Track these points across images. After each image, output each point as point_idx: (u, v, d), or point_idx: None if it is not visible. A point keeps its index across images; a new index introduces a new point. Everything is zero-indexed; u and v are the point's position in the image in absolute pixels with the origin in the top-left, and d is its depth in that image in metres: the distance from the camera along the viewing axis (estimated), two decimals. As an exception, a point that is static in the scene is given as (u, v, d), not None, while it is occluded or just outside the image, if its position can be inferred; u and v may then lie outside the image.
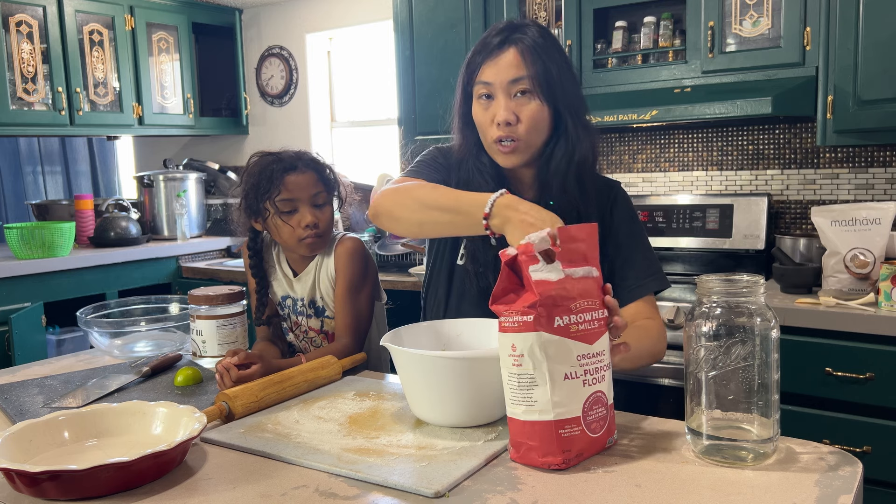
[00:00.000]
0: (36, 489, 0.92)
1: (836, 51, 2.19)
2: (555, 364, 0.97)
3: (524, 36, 1.32)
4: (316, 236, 1.60)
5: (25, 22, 3.15)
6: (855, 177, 2.54)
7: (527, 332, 0.96)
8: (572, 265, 1.00)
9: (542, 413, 0.97)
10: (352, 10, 3.69)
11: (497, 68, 1.31)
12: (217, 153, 4.29)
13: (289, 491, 0.94)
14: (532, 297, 0.96)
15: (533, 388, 0.98)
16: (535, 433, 0.98)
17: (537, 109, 1.31)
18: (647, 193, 2.91)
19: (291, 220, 1.57)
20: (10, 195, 4.31)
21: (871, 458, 1.92)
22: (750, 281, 0.98)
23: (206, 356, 1.59)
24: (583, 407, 0.99)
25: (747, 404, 0.98)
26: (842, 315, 1.94)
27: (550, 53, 1.32)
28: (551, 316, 0.97)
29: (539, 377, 0.97)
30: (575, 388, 0.99)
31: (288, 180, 1.56)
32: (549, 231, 0.99)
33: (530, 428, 0.98)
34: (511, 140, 1.32)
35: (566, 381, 0.98)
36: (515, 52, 1.31)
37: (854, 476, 0.94)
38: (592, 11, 2.63)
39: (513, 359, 0.99)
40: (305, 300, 1.68)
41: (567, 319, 0.98)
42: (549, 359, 0.96)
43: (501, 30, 1.34)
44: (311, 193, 1.58)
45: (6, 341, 2.82)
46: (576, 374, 0.98)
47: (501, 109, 1.31)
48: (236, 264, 3.47)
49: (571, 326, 0.98)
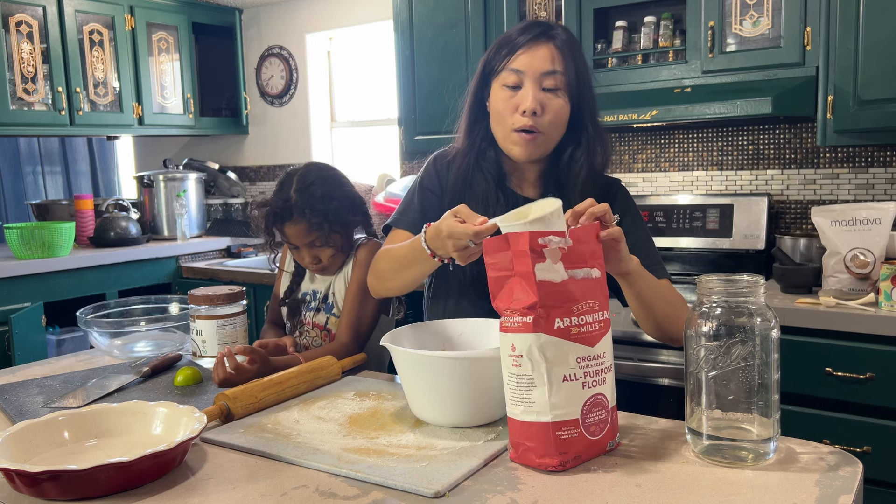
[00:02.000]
0: (36, 489, 0.92)
1: (836, 51, 2.19)
2: (553, 366, 0.96)
3: (559, 35, 1.35)
4: (320, 269, 1.70)
5: (25, 22, 3.15)
6: (855, 177, 2.54)
7: (526, 332, 0.96)
8: (574, 266, 1.00)
9: (539, 414, 0.97)
10: (352, 10, 3.69)
11: (532, 58, 1.33)
12: (217, 153, 4.29)
13: (289, 491, 0.94)
14: (532, 297, 0.96)
15: (531, 389, 0.97)
16: (532, 434, 0.98)
17: (562, 106, 1.34)
18: (647, 193, 2.91)
19: (297, 255, 1.70)
20: (10, 195, 4.31)
21: (871, 458, 1.92)
22: (750, 281, 0.98)
23: (206, 356, 1.59)
24: (582, 409, 0.99)
25: (747, 404, 0.98)
26: (842, 315, 1.94)
27: (578, 56, 1.37)
28: (551, 317, 0.96)
29: (537, 378, 0.96)
30: (574, 391, 0.98)
31: (286, 230, 1.64)
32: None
33: (528, 429, 0.98)
34: (533, 131, 1.33)
35: (565, 382, 0.97)
36: (553, 47, 1.34)
37: (854, 476, 0.94)
38: (592, 11, 2.63)
39: (512, 359, 0.98)
40: (320, 295, 1.72)
41: (568, 321, 0.97)
42: (547, 360, 0.96)
43: (537, 24, 1.38)
44: (305, 242, 1.64)
45: (6, 341, 2.82)
46: (575, 376, 0.98)
47: (530, 98, 1.31)
48: (236, 264, 3.47)
49: (572, 328, 0.98)
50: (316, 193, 1.61)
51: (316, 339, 1.72)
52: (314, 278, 1.76)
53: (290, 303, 1.77)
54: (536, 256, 0.97)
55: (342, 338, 1.62)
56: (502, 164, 1.44)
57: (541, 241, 0.97)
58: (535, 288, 0.96)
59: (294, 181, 1.63)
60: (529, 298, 0.96)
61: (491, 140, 1.42)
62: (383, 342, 1.17)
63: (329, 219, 1.61)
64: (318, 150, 3.94)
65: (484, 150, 1.43)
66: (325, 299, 1.72)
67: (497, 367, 1.04)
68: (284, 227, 1.63)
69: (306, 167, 1.68)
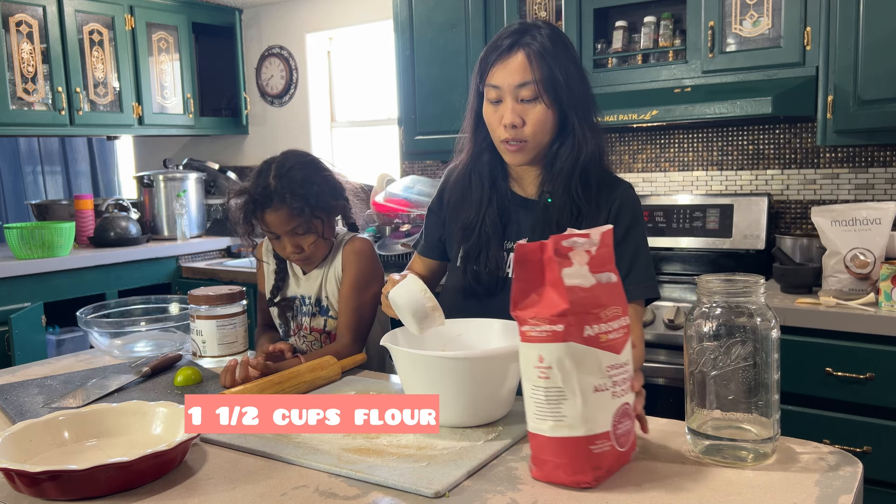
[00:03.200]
0: (36, 489, 0.92)
1: (836, 51, 2.19)
2: (584, 375, 0.90)
3: (533, 41, 1.33)
4: (303, 259, 1.66)
5: (25, 22, 3.14)
6: (855, 177, 2.54)
7: (556, 342, 0.90)
8: (598, 270, 0.95)
9: (571, 428, 0.91)
10: (352, 10, 3.69)
11: (505, 72, 1.33)
12: (217, 153, 4.28)
13: (289, 491, 0.94)
14: (562, 304, 0.90)
15: (561, 402, 0.91)
16: (563, 450, 0.91)
17: (543, 112, 1.34)
18: (647, 193, 2.90)
19: (278, 245, 1.65)
20: (10, 195, 4.31)
21: (871, 458, 1.92)
22: (750, 281, 0.98)
23: (206, 356, 1.59)
24: (612, 420, 0.94)
25: (747, 404, 0.98)
26: (842, 315, 1.94)
27: (558, 57, 1.33)
28: (581, 325, 0.90)
29: (568, 390, 0.90)
30: (604, 401, 0.92)
31: (266, 219, 1.59)
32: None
33: (558, 444, 0.92)
34: (517, 141, 1.35)
35: (596, 393, 0.91)
36: (523, 56, 1.32)
37: (854, 476, 0.94)
38: (592, 11, 2.63)
39: (539, 370, 0.92)
40: (312, 299, 1.70)
41: (597, 328, 0.92)
42: (578, 370, 0.90)
43: (512, 33, 1.36)
44: (287, 229, 1.59)
45: (6, 341, 2.82)
46: (605, 386, 0.92)
47: (508, 112, 1.34)
48: (236, 264, 3.47)
49: (601, 336, 0.92)
50: (296, 178, 1.58)
51: (316, 343, 1.71)
52: (300, 282, 1.72)
53: (279, 303, 1.74)
54: (563, 261, 0.92)
55: (342, 338, 1.62)
56: (506, 167, 1.46)
57: (565, 243, 0.92)
58: (564, 294, 0.90)
59: (272, 168, 1.60)
60: (559, 305, 0.90)
61: (490, 144, 1.44)
62: (383, 342, 1.17)
63: (311, 203, 1.57)
64: (318, 149, 3.93)
65: (482, 154, 1.45)
66: (318, 303, 1.70)
67: (497, 368, 1.03)
68: (265, 215, 1.58)
69: (283, 154, 1.65)
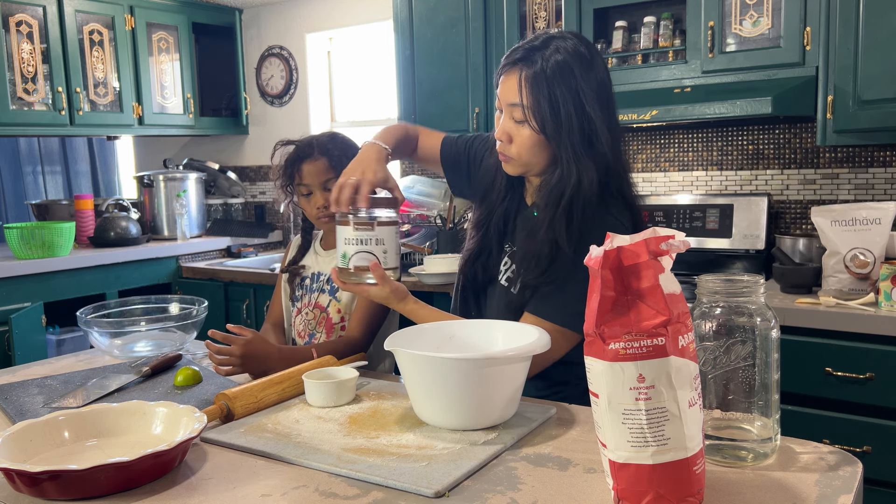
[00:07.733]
0: (36, 489, 0.92)
1: (836, 51, 2.19)
2: (681, 391, 0.82)
3: (536, 63, 1.27)
4: (329, 217, 1.70)
5: (25, 22, 3.15)
6: (855, 177, 2.54)
7: (658, 357, 0.81)
8: None
9: (676, 451, 0.82)
10: (352, 10, 3.69)
11: (503, 88, 1.33)
12: (217, 153, 4.29)
13: (289, 491, 0.94)
14: (662, 313, 0.81)
15: (664, 424, 0.82)
16: (668, 477, 0.82)
17: (529, 136, 1.31)
18: (647, 193, 2.91)
19: (309, 202, 1.71)
20: (10, 195, 4.31)
21: (871, 458, 1.92)
22: (750, 281, 0.98)
23: (388, 268, 1.35)
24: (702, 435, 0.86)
25: (747, 404, 0.98)
26: (842, 315, 1.94)
27: (555, 85, 1.25)
28: (675, 336, 0.82)
29: (671, 409, 0.82)
30: (697, 415, 0.85)
31: (303, 169, 1.68)
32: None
33: (662, 472, 0.82)
34: (504, 155, 1.36)
35: (691, 408, 0.83)
36: (517, 77, 1.29)
37: (854, 476, 0.94)
38: (592, 11, 2.63)
39: (638, 391, 0.81)
40: (325, 276, 1.75)
41: (687, 338, 0.84)
42: (679, 386, 0.82)
43: (525, 47, 1.31)
44: (322, 180, 1.67)
45: (6, 341, 2.82)
46: (694, 400, 0.84)
47: (498, 127, 1.35)
48: (236, 264, 3.47)
49: (689, 346, 0.84)
50: (339, 139, 1.73)
51: (311, 322, 1.72)
52: (318, 259, 1.79)
53: (293, 269, 1.82)
54: (658, 265, 0.83)
55: (354, 333, 1.64)
56: None
57: (663, 245, 0.84)
58: (664, 303, 0.82)
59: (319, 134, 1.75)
60: (659, 316, 0.82)
61: None
62: (387, 345, 1.17)
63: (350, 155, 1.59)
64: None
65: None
66: (329, 280, 1.74)
67: (500, 369, 1.03)
68: (303, 165, 1.68)
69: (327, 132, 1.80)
